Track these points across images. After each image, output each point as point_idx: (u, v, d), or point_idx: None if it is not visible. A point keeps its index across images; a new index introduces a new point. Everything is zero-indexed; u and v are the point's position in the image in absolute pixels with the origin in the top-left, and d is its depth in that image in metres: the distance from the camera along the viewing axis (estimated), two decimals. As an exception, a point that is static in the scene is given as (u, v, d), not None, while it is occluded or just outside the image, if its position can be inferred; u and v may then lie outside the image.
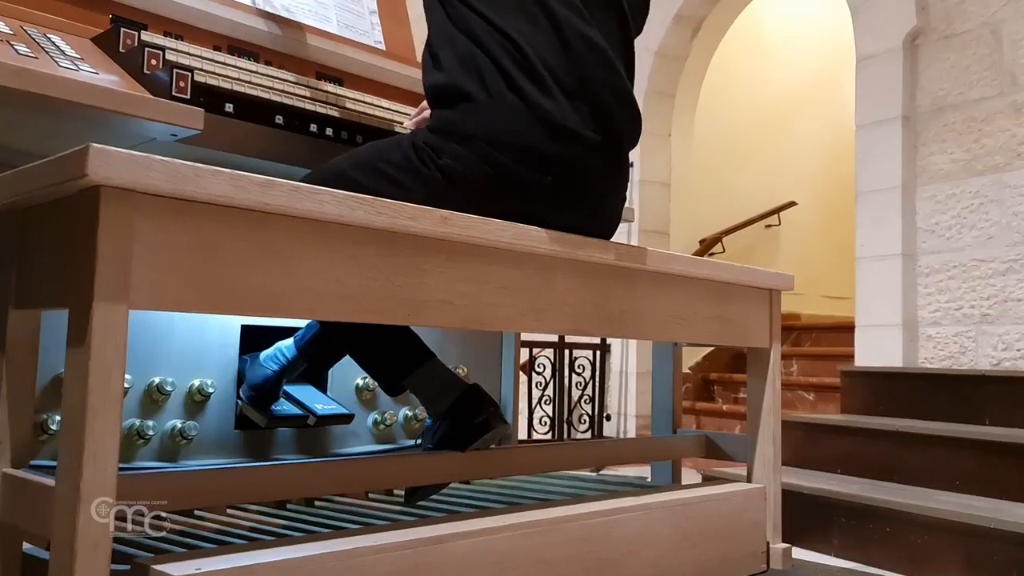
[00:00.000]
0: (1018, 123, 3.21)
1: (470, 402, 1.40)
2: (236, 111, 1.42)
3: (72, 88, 1.17)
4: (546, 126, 1.24)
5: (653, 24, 4.95)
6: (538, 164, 1.25)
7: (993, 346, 3.24)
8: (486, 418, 1.39)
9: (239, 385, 1.72)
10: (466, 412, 1.39)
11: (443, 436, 1.42)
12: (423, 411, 1.96)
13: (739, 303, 1.59)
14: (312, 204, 0.96)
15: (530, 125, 1.24)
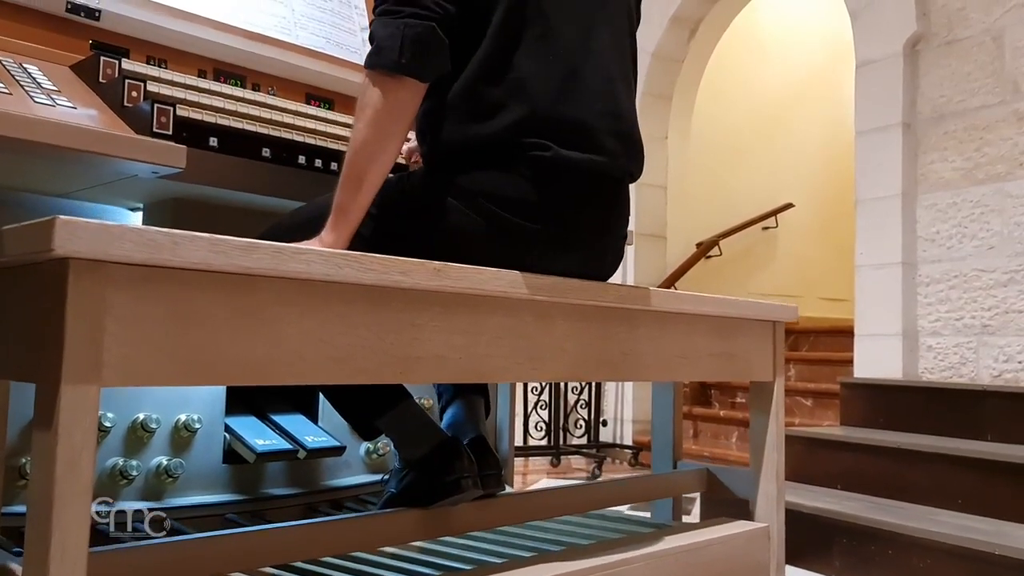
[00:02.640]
0: (1020, 132, 3.17)
1: (444, 457, 1.31)
2: (220, 145, 1.36)
3: (48, 130, 1.12)
4: (543, 174, 1.19)
5: (650, 26, 4.90)
6: (535, 212, 1.20)
7: (994, 358, 3.20)
8: (458, 479, 1.29)
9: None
10: (438, 467, 1.30)
11: (409, 486, 1.34)
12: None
13: (742, 337, 1.55)
14: (297, 265, 0.90)
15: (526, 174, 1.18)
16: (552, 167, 1.19)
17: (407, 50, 1.12)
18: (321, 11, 1.96)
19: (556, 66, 1.22)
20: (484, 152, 1.19)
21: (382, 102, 1.15)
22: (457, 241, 1.19)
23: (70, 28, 1.50)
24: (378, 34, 1.16)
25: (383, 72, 1.15)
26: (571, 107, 1.22)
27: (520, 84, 1.19)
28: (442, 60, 1.17)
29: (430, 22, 1.15)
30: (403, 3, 1.15)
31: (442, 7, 1.16)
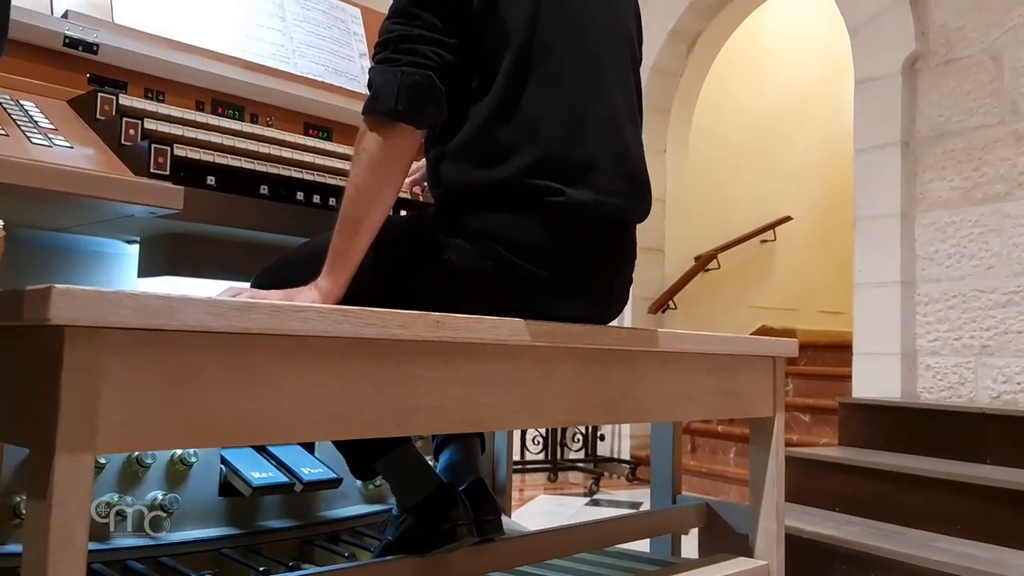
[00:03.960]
0: (1019, 152, 3.17)
1: (440, 503, 1.30)
2: (218, 183, 1.36)
3: (45, 176, 1.11)
4: (555, 219, 1.18)
5: (649, 40, 4.90)
6: (545, 258, 1.19)
7: (993, 378, 3.20)
8: (453, 527, 1.28)
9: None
10: (434, 514, 1.29)
11: (406, 533, 1.33)
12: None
13: (743, 374, 1.54)
14: (296, 323, 0.89)
15: (538, 219, 1.18)
16: (564, 212, 1.19)
17: (403, 97, 1.12)
18: (320, 39, 1.96)
19: (565, 108, 1.22)
20: (496, 195, 1.19)
21: (379, 148, 1.15)
22: (466, 284, 1.18)
23: (68, 62, 1.49)
24: (375, 81, 1.17)
25: (380, 118, 1.15)
26: (581, 148, 1.21)
27: (530, 127, 1.19)
28: (438, 108, 1.18)
29: (427, 71, 1.14)
30: (401, 51, 1.15)
31: (440, 56, 1.16)
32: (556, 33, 1.23)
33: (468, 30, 1.19)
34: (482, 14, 1.20)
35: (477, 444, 1.58)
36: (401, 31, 1.16)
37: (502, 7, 1.20)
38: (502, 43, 1.20)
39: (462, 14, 1.19)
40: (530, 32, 1.21)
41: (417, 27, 1.15)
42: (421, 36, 1.15)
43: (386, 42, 1.17)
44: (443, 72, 1.16)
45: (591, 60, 1.26)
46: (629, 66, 1.35)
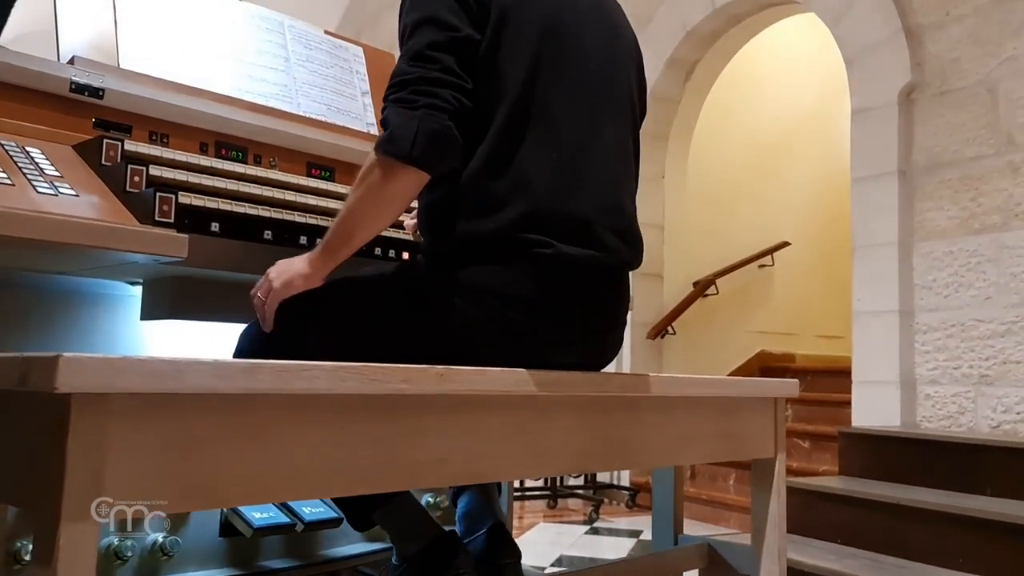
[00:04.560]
0: (1015, 183, 3.19)
1: (441, 553, 1.30)
2: (222, 229, 1.36)
3: (50, 228, 1.12)
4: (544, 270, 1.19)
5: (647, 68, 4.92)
6: (536, 308, 1.19)
7: (992, 408, 3.20)
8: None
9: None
10: (434, 563, 1.29)
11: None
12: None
13: (744, 416, 1.54)
14: (301, 383, 0.90)
15: (527, 271, 1.18)
16: (553, 263, 1.19)
17: (420, 143, 1.12)
18: (323, 78, 1.97)
19: (558, 162, 1.22)
20: (486, 247, 1.19)
21: (385, 185, 1.17)
22: (458, 336, 1.19)
23: (74, 107, 1.50)
24: (391, 122, 1.15)
25: (392, 160, 1.15)
26: (572, 203, 1.22)
27: (522, 180, 1.19)
28: (454, 157, 1.18)
29: (445, 116, 1.14)
30: (421, 93, 1.14)
31: (459, 100, 1.16)
32: (554, 88, 1.24)
33: (475, 76, 1.20)
34: (484, 62, 1.21)
35: (494, 487, 1.58)
36: (420, 72, 1.15)
37: (502, 58, 1.21)
38: (499, 94, 1.21)
39: (473, 61, 1.20)
40: (528, 85, 1.22)
41: (436, 70, 1.15)
42: (441, 79, 1.15)
43: (404, 83, 1.16)
44: (459, 117, 1.16)
45: (587, 117, 1.27)
46: (628, 123, 1.36)
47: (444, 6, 1.18)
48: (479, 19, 1.20)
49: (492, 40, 1.20)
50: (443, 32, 1.17)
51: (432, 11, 1.18)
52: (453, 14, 1.18)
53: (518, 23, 1.22)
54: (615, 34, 1.37)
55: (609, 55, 1.34)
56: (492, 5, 1.21)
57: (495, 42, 1.21)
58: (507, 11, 1.21)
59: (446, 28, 1.17)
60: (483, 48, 1.20)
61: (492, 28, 1.20)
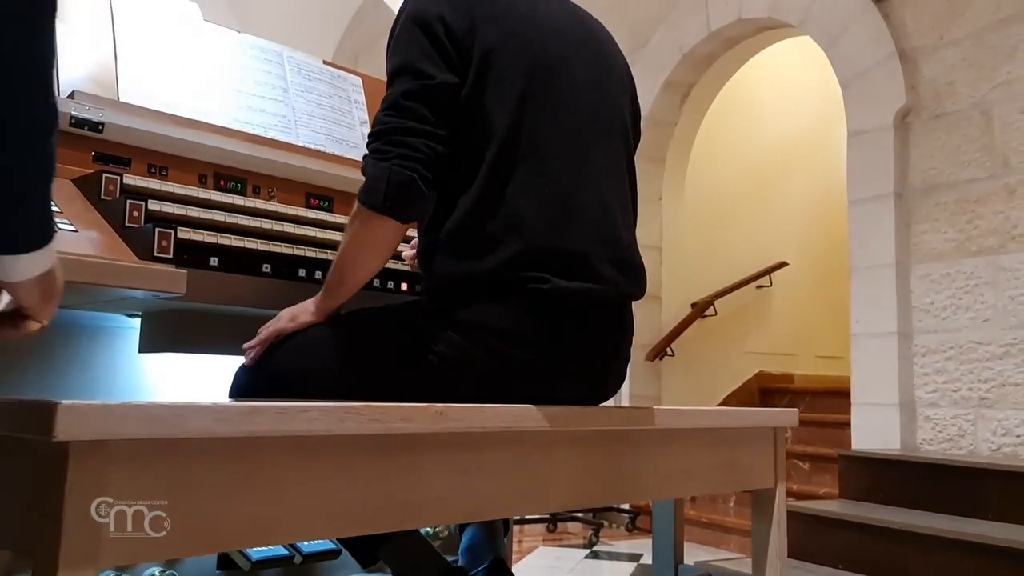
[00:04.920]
0: (1011, 206, 3.20)
1: None
2: (220, 264, 1.36)
3: (48, 266, 1.11)
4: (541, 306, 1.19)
5: (643, 91, 4.96)
6: (535, 344, 1.19)
7: (992, 431, 3.20)
8: None
9: None
10: None
11: None
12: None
13: (744, 446, 1.54)
14: (300, 424, 0.90)
15: (525, 307, 1.19)
16: (550, 299, 1.19)
17: (391, 195, 1.18)
18: (322, 108, 1.98)
19: (551, 198, 1.23)
20: (483, 286, 1.20)
21: (367, 233, 1.24)
22: (459, 373, 1.19)
23: (74, 141, 1.51)
24: (367, 172, 1.22)
25: (369, 209, 1.20)
26: (567, 238, 1.22)
27: (516, 218, 1.20)
28: (424, 207, 1.23)
29: (416, 165, 1.18)
30: (393, 144, 1.18)
31: (431, 148, 1.18)
32: (543, 124, 1.25)
33: (456, 120, 1.22)
34: (469, 104, 1.22)
35: (499, 522, 1.57)
36: (393, 123, 1.19)
37: (488, 99, 1.22)
38: (487, 134, 1.22)
39: (452, 105, 1.21)
40: (516, 124, 1.22)
41: (409, 119, 1.18)
42: (412, 128, 1.18)
43: (379, 133, 1.21)
44: (433, 164, 1.19)
45: (579, 150, 1.28)
46: (621, 152, 1.37)
47: (420, 53, 1.21)
48: (459, 62, 1.22)
49: (476, 82, 1.22)
50: (416, 81, 1.20)
51: (408, 59, 1.21)
52: (428, 61, 1.20)
53: (502, 63, 1.23)
54: (605, 64, 1.38)
55: (600, 85, 1.35)
56: (474, 48, 1.22)
57: (479, 84, 1.22)
58: (490, 52, 1.23)
59: (420, 76, 1.20)
60: (467, 90, 1.22)
61: (475, 70, 1.22)
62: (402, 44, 1.24)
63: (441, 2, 1.23)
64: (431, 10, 1.22)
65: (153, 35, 1.72)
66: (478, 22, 1.23)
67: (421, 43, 1.21)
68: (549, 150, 1.24)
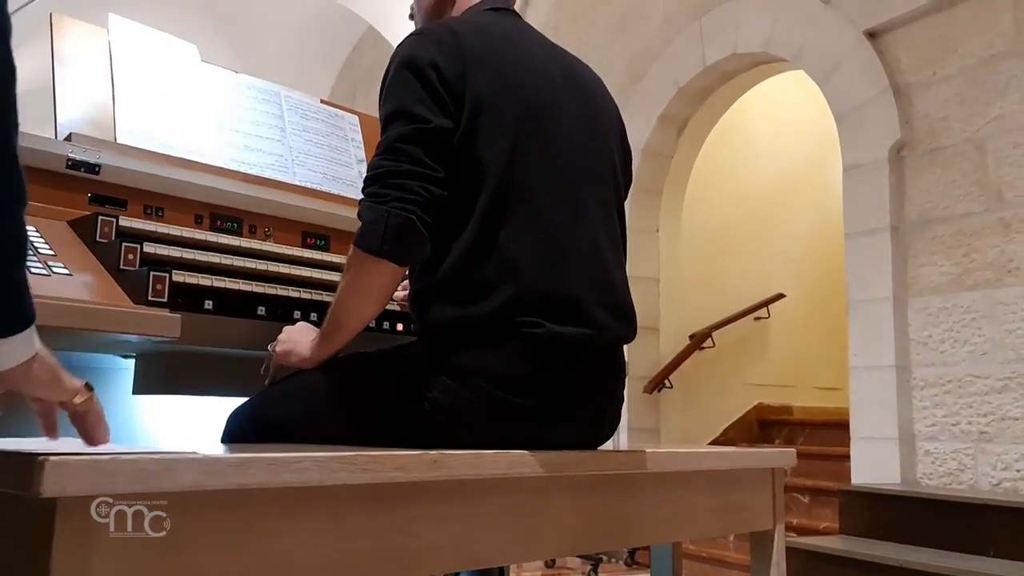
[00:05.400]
0: (1006, 240, 3.21)
1: None
2: (215, 307, 1.36)
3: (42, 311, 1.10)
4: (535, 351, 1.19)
5: (639, 124, 5.01)
6: (528, 389, 1.19)
7: (992, 465, 3.18)
8: None
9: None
10: None
11: None
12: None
13: (742, 488, 1.53)
14: (292, 475, 0.89)
15: (519, 352, 1.18)
16: (544, 344, 1.19)
17: (388, 239, 1.17)
18: (318, 147, 1.99)
19: (544, 242, 1.23)
20: (477, 331, 1.19)
21: (363, 277, 1.23)
22: (454, 420, 1.18)
23: (70, 183, 1.51)
24: (364, 217, 1.21)
25: (365, 253, 1.19)
26: (561, 282, 1.22)
27: (509, 264, 1.20)
28: (421, 249, 1.22)
29: (414, 208, 1.17)
30: (390, 187, 1.18)
31: (429, 191, 1.18)
32: (535, 168, 1.25)
33: (450, 164, 1.22)
34: (462, 149, 1.22)
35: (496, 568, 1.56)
36: (389, 166, 1.19)
37: (480, 143, 1.22)
38: (479, 179, 1.22)
39: (446, 149, 1.22)
40: (508, 168, 1.23)
41: (405, 163, 1.18)
42: (409, 171, 1.18)
43: (375, 177, 1.20)
44: (430, 206, 1.19)
45: (571, 194, 1.28)
46: (612, 196, 1.37)
47: (414, 98, 1.21)
48: (452, 107, 1.22)
49: (468, 128, 1.22)
50: (411, 124, 1.20)
51: (402, 104, 1.22)
52: (423, 105, 1.21)
53: (494, 109, 1.24)
54: (595, 107, 1.39)
55: (590, 130, 1.35)
56: (466, 94, 1.23)
57: (472, 130, 1.22)
58: (482, 99, 1.23)
59: (415, 120, 1.20)
60: (459, 136, 1.22)
61: (467, 116, 1.22)
62: (395, 89, 1.24)
63: (433, 48, 1.24)
64: (423, 55, 1.23)
65: (151, 76, 1.73)
66: (470, 67, 1.23)
67: (414, 88, 1.22)
68: (541, 195, 1.24)
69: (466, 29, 1.29)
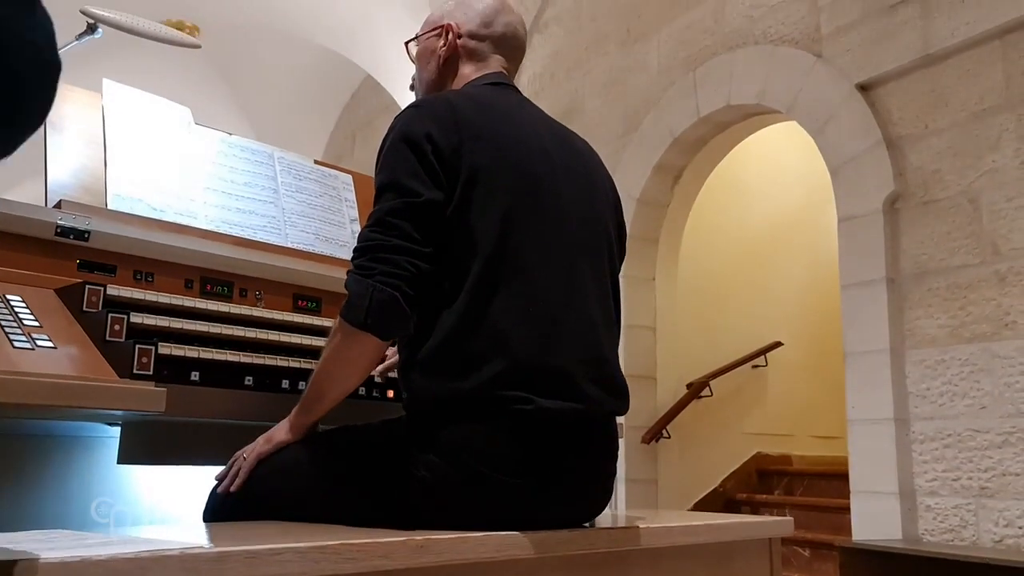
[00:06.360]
0: (1003, 293, 3.20)
1: None
2: (202, 378, 1.35)
3: (23, 390, 1.09)
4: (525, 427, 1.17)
5: (635, 174, 5.04)
6: (517, 467, 1.17)
7: (994, 521, 3.13)
8: None
9: None
10: None
11: None
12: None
13: (738, 559, 1.49)
14: (272, 568, 0.86)
15: (508, 428, 1.16)
16: (534, 420, 1.17)
17: (372, 313, 1.17)
18: (311, 207, 1.99)
19: (536, 316, 1.22)
20: (465, 406, 1.18)
21: (347, 348, 1.23)
22: (441, 499, 1.16)
23: (58, 250, 1.51)
24: (350, 289, 1.21)
25: (350, 325, 1.19)
26: (552, 357, 1.21)
27: (500, 337, 1.18)
28: (404, 326, 1.22)
29: (400, 283, 1.17)
30: (377, 261, 1.18)
31: (415, 266, 1.18)
32: (528, 240, 1.24)
33: (441, 236, 1.21)
34: (454, 220, 1.22)
35: None
36: (379, 240, 1.19)
37: (474, 216, 1.22)
38: (472, 251, 1.21)
39: (437, 222, 1.21)
40: (501, 241, 1.22)
41: (394, 237, 1.18)
42: (397, 247, 1.18)
43: (363, 249, 1.20)
44: (416, 281, 1.19)
45: (565, 267, 1.27)
46: (606, 269, 1.36)
47: (407, 171, 1.21)
48: (446, 180, 1.22)
49: (462, 199, 1.22)
50: (402, 198, 1.20)
51: (395, 176, 1.22)
52: (416, 179, 1.21)
53: (490, 181, 1.24)
54: (590, 181, 1.39)
55: (585, 203, 1.35)
56: (462, 166, 1.23)
57: (465, 200, 1.22)
58: (478, 170, 1.23)
59: (406, 194, 1.20)
60: (452, 207, 1.22)
61: (462, 188, 1.22)
62: (390, 161, 1.24)
63: (429, 121, 1.24)
64: (419, 128, 1.23)
65: (144, 140, 1.74)
66: (465, 141, 1.24)
67: (409, 160, 1.22)
68: (534, 267, 1.24)
69: (464, 102, 1.29)
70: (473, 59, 1.45)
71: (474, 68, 1.45)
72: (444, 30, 1.45)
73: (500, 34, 1.45)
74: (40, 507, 1.50)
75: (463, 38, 1.45)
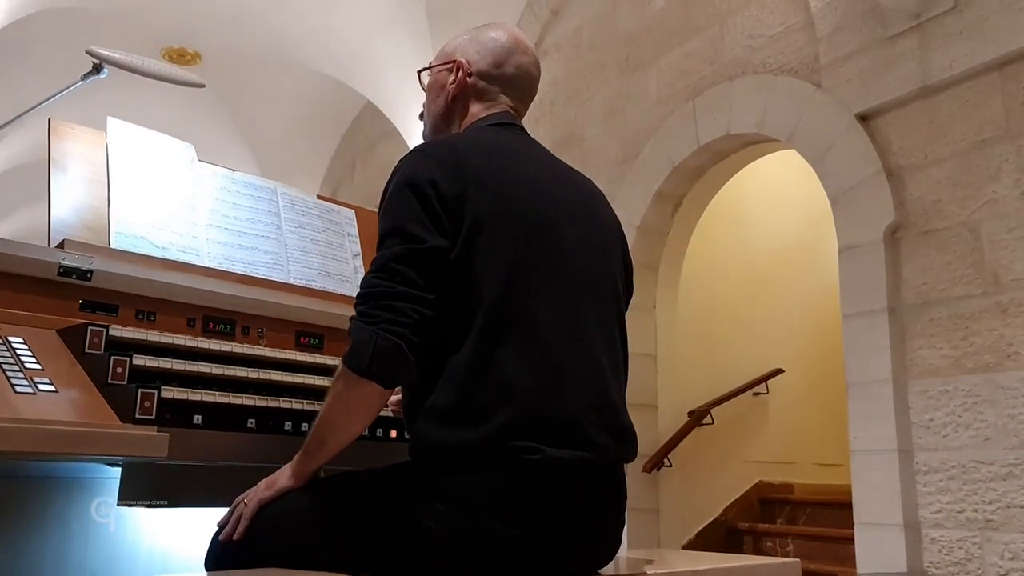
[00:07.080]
0: (1004, 324, 3.20)
1: None
2: (204, 421, 1.34)
3: (23, 439, 1.09)
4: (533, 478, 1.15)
5: (635, 201, 5.05)
6: (525, 518, 1.15)
7: (1000, 555, 3.10)
8: None
9: None
10: None
11: None
12: None
13: (744, 604, 1.47)
14: (276, 627, 0.85)
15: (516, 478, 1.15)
16: (542, 470, 1.16)
17: (376, 360, 1.17)
18: (314, 243, 1.99)
19: (542, 364, 1.20)
20: (472, 455, 1.16)
21: (350, 395, 1.22)
22: (444, 549, 1.14)
23: (61, 290, 1.50)
24: (354, 336, 1.20)
25: (353, 372, 1.19)
26: (559, 405, 1.20)
27: (506, 386, 1.17)
28: (408, 373, 1.21)
29: (404, 330, 1.16)
30: (381, 308, 1.17)
31: (419, 313, 1.17)
32: (534, 288, 1.23)
33: (445, 283, 1.20)
34: (458, 267, 1.21)
35: None
36: (383, 287, 1.18)
37: (479, 263, 1.21)
38: (477, 299, 1.20)
39: (441, 269, 1.20)
40: (506, 288, 1.21)
41: (398, 283, 1.18)
42: (401, 293, 1.17)
43: (367, 296, 1.19)
44: (420, 328, 1.18)
45: (571, 313, 1.26)
46: (613, 313, 1.35)
47: (411, 217, 1.21)
48: (450, 227, 1.22)
49: (466, 246, 1.21)
50: (406, 245, 1.20)
51: (399, 222, 1.22)
52: (419, 225, 1.20)
53: (494, 228, 1.23)
54: (596, 223, 1.39)
55: (591, 245, 1.34)
56: (465, 213, 1.22)
57: (469, 248, 1.21)
58: (481, 218, 1.22)
59: (410, 240, 1.20)
60: (456, 254, 1.21)
61: (465, 235, 1.21)
62: (393, 207, 1.24)
63: (433, 167, 1.24)
64: (423, 175, 1.23)
65: (147, 179, 1.74)
66: (469, 187, 1.23)
67: (412, 206, 1.21)
68: (541, 315, 1.22)
69: (468, 146, 1.29)
70: (482, 99, 1.45)
71: (482, 107, 1.44)
72: (455, 66, 1.45)
73: (511, 75, 1.45)
74: (36, 560, 1.49)
75: (473, 77, 1.44)
